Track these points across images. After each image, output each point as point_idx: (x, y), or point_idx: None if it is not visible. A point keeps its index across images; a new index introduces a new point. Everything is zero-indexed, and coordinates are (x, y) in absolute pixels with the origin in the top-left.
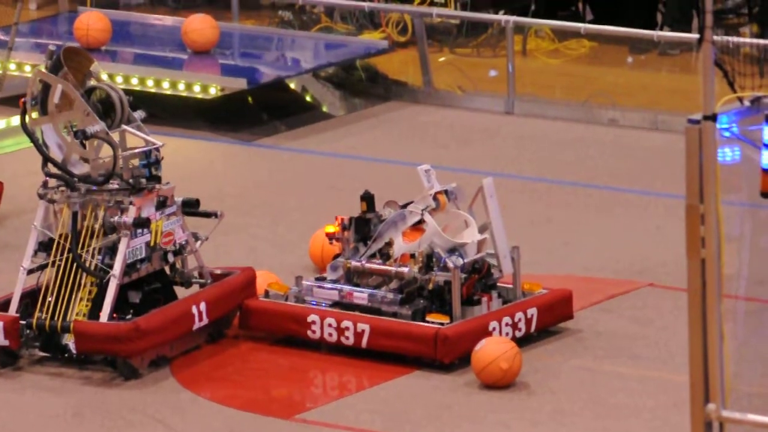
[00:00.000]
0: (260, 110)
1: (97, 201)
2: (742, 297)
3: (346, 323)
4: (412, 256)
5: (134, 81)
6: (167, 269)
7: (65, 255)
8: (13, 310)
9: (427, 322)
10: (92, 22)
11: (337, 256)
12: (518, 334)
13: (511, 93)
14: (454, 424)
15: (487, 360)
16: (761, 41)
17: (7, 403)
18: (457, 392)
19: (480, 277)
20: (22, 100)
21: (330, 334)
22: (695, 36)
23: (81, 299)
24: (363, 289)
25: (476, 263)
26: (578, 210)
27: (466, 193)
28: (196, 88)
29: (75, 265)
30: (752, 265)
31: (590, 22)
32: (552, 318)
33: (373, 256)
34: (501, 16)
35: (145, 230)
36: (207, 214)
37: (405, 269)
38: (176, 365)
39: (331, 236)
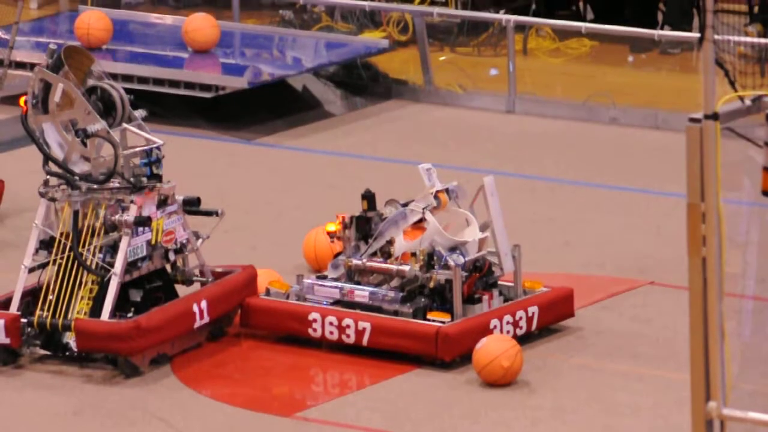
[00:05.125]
0: (261, 109)
1: (98, 199)
2: (747, 296)
3: (347, 321)
4: (413, 254)
5: (135, 80)
6: (168, 267)
7: (66, 253)
8: (14, 309)
9: (428, 320)
10: (93, 21)
11: (338, 255)
12: (519, 332)
13: (512, 92)
14: (455, 423)
15: (488, 358)
16: (762, 40)
17: (8, 401)
18: (458, 390)
19: (481, 276)
20: (23, 98)
21: (331, 332)
22: (696, 35)
23: (82, 297)
24: (364, 287)
25: (477, 261)
26: (579, 208)
27: (467, 192)
28: (197, 87)
29: (76, 263)
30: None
31: (591, 21)
32: (553, 316)
33: (374, 254)
34: (502, 16)
35: (146, 229)
36: (208, 213)
37: (406, 267)
38: (177, 363)
39: (332, 234)
